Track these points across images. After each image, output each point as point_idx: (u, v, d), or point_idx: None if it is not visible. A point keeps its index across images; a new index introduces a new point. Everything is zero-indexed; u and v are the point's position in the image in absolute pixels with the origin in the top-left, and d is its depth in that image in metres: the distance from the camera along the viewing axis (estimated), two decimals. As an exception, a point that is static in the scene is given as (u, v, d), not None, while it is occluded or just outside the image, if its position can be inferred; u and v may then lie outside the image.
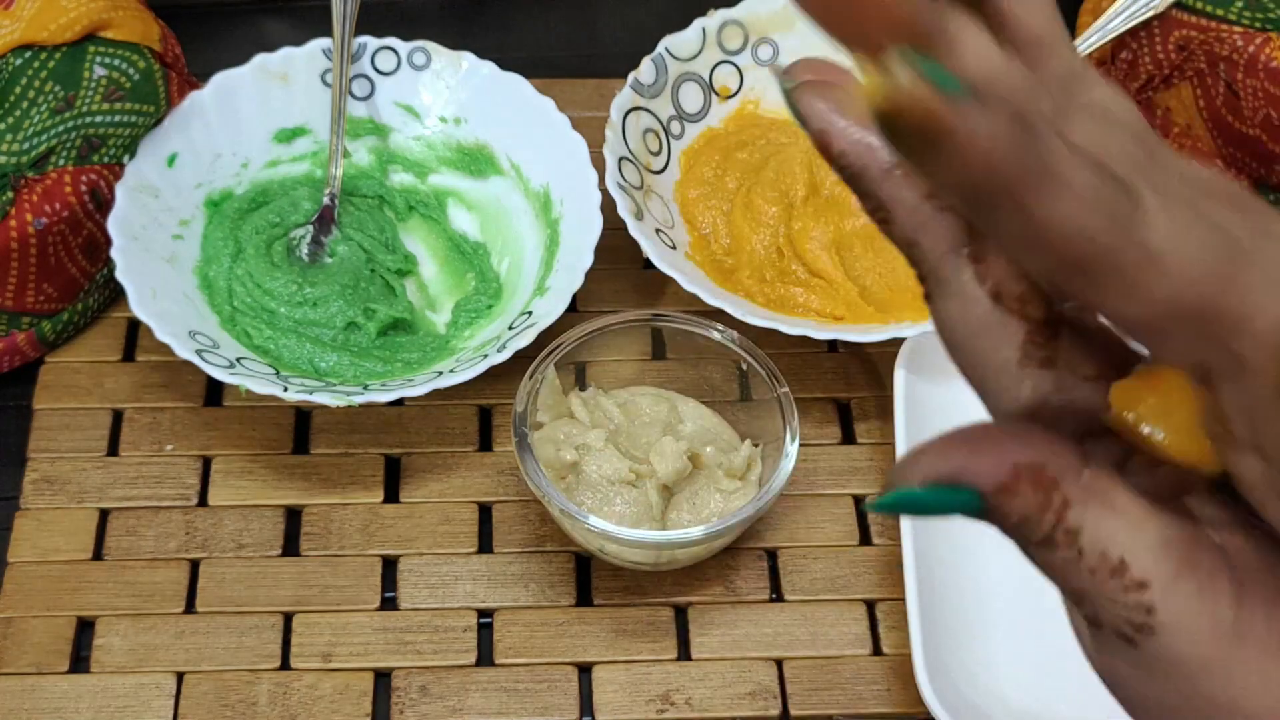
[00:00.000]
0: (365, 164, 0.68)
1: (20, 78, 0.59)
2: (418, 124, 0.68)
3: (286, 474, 0.61)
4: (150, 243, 0.61)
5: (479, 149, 0.68)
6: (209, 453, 0.61)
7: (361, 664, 0.56)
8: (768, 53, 0.70)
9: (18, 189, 0.59)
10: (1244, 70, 0.63)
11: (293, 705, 0.54)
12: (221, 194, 0.65)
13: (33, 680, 0.55)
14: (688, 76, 0.68)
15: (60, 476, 0.60)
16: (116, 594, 0.57)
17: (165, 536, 0.59)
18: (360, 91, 0.68)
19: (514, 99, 0.67)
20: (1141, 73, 0.69)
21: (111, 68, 0.61)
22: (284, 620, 0.57)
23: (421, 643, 0.56)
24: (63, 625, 0.56)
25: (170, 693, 0.55)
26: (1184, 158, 0.24)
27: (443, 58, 0.68)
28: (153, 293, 0.59)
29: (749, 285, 0.64)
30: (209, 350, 0.58)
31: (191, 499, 0.60)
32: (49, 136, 0.60)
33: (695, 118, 0.68)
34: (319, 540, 0.59)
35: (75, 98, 0.60)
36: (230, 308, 0.62)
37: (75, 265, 0.62)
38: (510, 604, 0.58)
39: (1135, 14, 0.66)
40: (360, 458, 0.61)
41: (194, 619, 0.57)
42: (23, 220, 0.59)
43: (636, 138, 0.65)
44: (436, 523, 0.60)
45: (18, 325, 0.62)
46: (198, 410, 0.62)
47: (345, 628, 0.57)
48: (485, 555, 0.59)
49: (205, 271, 0.63)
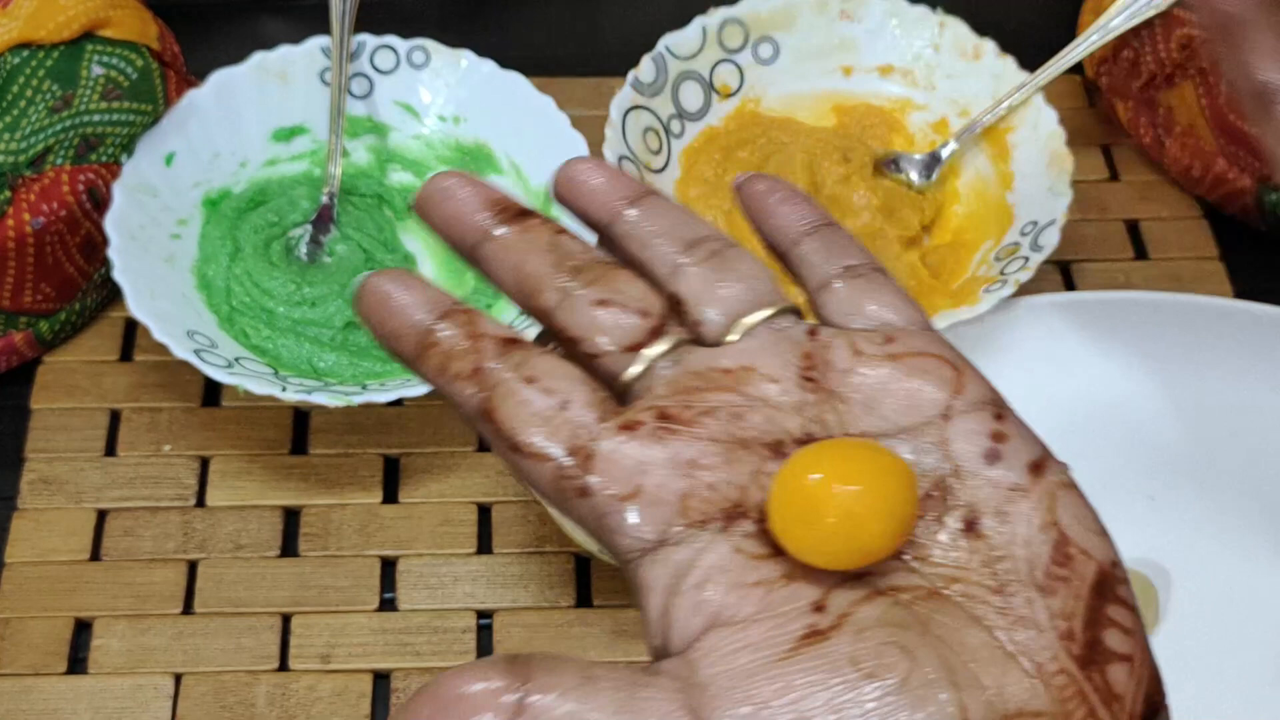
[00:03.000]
0: (364, 163, 0.68)
1: (18, 76, 0.59)
2: (417, 123, 0.68)
3: (285, 474, 0.60)
4: (148, 242, 0.61)
5: (478, 148, 0.67)
6: (207, 453, 0.61)
7: (360, 665, 0.55)
8: (769, 51, 0.69)
9: (15, 188, 0.59)
10: (1246, 69, 0.63)
11: (291, 706, 0.54)
12: (219, 193, 0.65)
13: (30, 681, 0.54)
14: (688, 75, 0.68)
15: (57, 477, 0.60)
16: (114, 595, 0.57)
17: (163, 537, 0.58)
18: (359, 90, 0.68)
19: (513, 98, 0.66)
20: (1143, 71, 0.69)
21: (109, 66, 0.61)
22: (282, 621, 0.56)
23: (420, 644, 0.56)
24: (60, 626, 0.56)
25: (168, 694, 0.54)
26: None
27: (442, 56, 0.68)
28: (150, 292, 0.59)
29: (749, 285, 0.64)
30: (207, 350, 0.58)
31: (189, 499, 0.60)
32: (46, 135, 0.59)
33: (695, 116, 0.68)
34: (317, 541, 0.59)
35: (73, 96, 0.60)
36: (228, 307, 0.62)
37: (73, 265, 0.62)
38: (510, 605, 0.57)
39: (1137, 12, 0.66)
40: (359, 458, 0.61)
41: (192, 620, 0.56)
42: (20, 220, 0.59)
43: (636, 136, 0.65)
44: (436, 523, 0.59)
45: (15, 325, 0.62)
46: (196, 410, 0.62)
47: (344, 629, 0.56)
48: (485, 556, 0.59)
49: (203, 271, 0.63)
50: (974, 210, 0.67)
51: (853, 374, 0.30)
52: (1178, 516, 0.58)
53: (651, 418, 0.29)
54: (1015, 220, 0.64)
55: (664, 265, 0.32)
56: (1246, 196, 0.68)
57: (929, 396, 0.30)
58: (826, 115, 0.70)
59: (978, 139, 0.67)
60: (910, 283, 0.64)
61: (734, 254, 0.32)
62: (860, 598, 0.27)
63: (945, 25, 0.69)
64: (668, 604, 0.27)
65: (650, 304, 0.31)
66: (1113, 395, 0.61)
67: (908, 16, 0.69)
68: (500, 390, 0.29)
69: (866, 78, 0.70)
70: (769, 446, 0.29)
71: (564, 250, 0.32)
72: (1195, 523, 0.58)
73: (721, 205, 0.66)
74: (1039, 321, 0.62)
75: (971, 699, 0.25)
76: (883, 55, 0.70)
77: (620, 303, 0.31)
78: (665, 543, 0.28)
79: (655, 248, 0.33)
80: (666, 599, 0.27)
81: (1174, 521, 0.58)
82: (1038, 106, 0.66)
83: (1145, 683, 0.27)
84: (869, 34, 0.70)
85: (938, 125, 0.69)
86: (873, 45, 0.70)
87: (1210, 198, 0.70)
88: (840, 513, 0.27)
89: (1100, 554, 0.28)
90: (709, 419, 0.29)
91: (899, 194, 0.66)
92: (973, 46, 0.68)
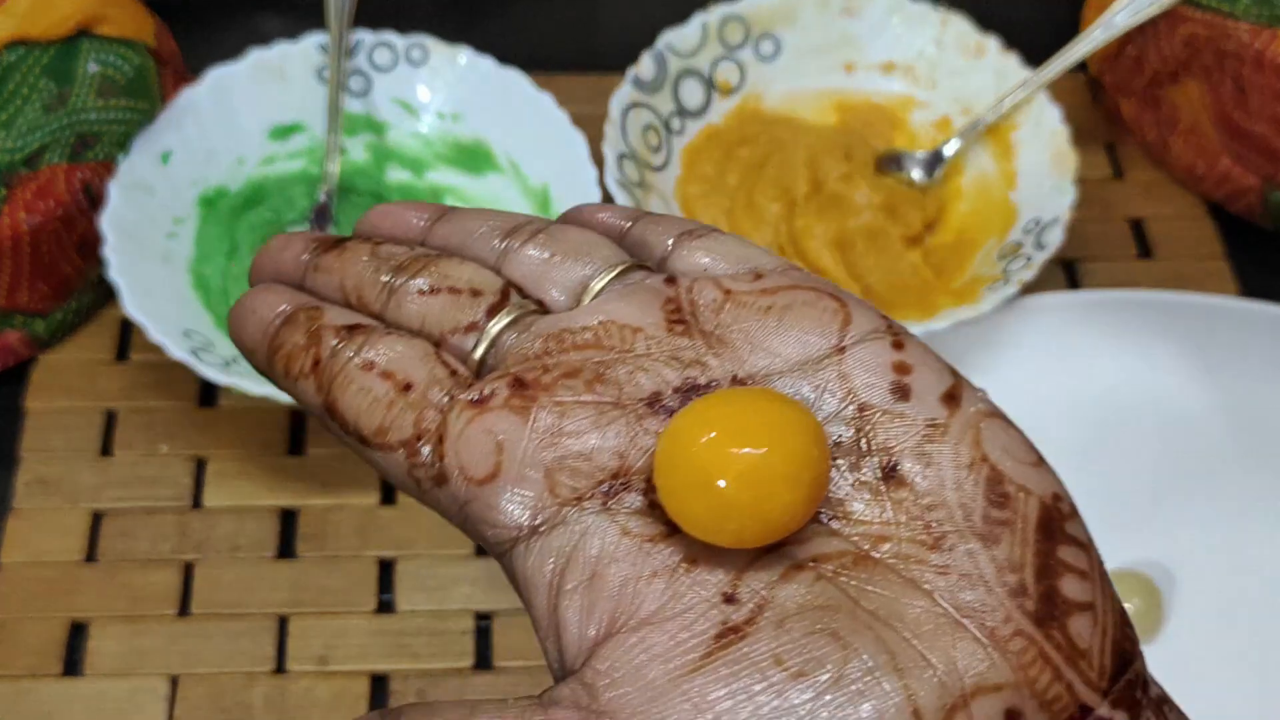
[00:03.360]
0: (361, 161, 0.67)
1: (13, 74, 0.59)
2: (415, 120, 0.68)
3: (282, 475, 0.60)
4: (144, 241, 0.61)
5: (476, 145, 0.67)
6: (204, 453, 0.61)
7: (358, 667, 0.55)
8: (770, 47, 0.69)
9: (10, 186, 0.59)
10: (1251, 66, 0.63)
11: (289, 709, 0.54)
12: (216, 191, 0.65)
13: (25, 684, 0.54)
14: (689, 72, 0.67)
15: (53, 477, 0.59)
16: (110, 596, 0.56)
17: (159, 538, 0.58)
18: (357, 87, 0.67)
19: (513, 95, 0.66)
20: (1147, 69, 0.68)
21: (105, 64, 0.61)
22: (279, 623, 0.56)
23: (419, 646, 0.56)
24: (55, 628, 0.56)
25: (164, 696, 0.54)
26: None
27: (440, 53, 0.67)
28: (146, 291, 0.58)
29: (750, 284, 0.63)
30: (203, 350, 0.57)
31: (186, 500, 0.59)
32: (42, 133, 0.59)
33: (696, 114, 0.68)
34: (315, 542, 0.58)
35: (68, 94, 0.60)
36: (225, 307, 0.62)
37: (69, 263, 0.62)
38: (509, 606, 0.57)
39: (1141, 9, 0.65)
40: (356, 459, 0.60)
41: (188, 622, 0.56)
42: (16, 218, 0.59)
43: (637, 134, 0.65)
44: (434, 524, 0.59)
45: (10, 324, 0.61)
46: (192, 410, 0.62)
47: (342, 631, 0.56)
48: (484, 557, 0.58)
49: (200, 270, 0.62)
50: (977, 209, 0.66)
51: (726, 312, 0.27)
52: (1182, 517, 0.58)
53: (504, 387, 0.26)
54: (1018, 219, 0.64)
55: (489, 255, 0.30)
56: (1251, 195, 0.67)
57: (817, 328, 0.26)
58: (828, 113, 0.70)
59: (981, 137, 0.67)
60: (912, 282, 0.63)
61: (558, 229, 0.30)
62: (777, 577, 0.23)
63: (948, 22, 0.69)
64: (553, 604, 0.24)
65: (483, 282, 0.29)
66: (1115, 395, 0.61)
67: (910, 13, 0.69)
68: (339, 381, 0.27)
69: (868, 75, 0.70)
70: (645, 401, 0.26)
71: (384, 255, 0.30)
72: (1200, 523, 0.58)
73: (722, 204, 0.66)
74: (1042, 321, 0.61)
75: (919, 683, 0.22)
76: (885, 52, 0.70)
77: (449, 286, 0.28)
78: (538, 528, 0.25)
79: (475, 243, 0.30)
80: (551, 598, 0.24)
81: (1178, 522, 0.58)
82: (1041, 104, 0.65)
83: (1112, 630, 0.24)
84: (871, 30, 0.69)
85: (940, 123, 0.69)
86: (875, 42, 0.70)
87: (1215, 196, 0.69)
88: (743, 481, 0.23)
89: (1040, 487, 0.25)
90: (571, 379, 0.26)
91: (901, 192, 0.66)
92: (975, 43, 0.68)
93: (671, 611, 0.23)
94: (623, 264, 0.29)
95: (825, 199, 0.65)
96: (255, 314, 0.29)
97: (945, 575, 0.23)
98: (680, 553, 0.24)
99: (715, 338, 0.27)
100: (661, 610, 0.23)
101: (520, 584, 0.25)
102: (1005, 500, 0.24)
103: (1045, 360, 0.61)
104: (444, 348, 0.28)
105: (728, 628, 0.23)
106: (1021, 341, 0.61)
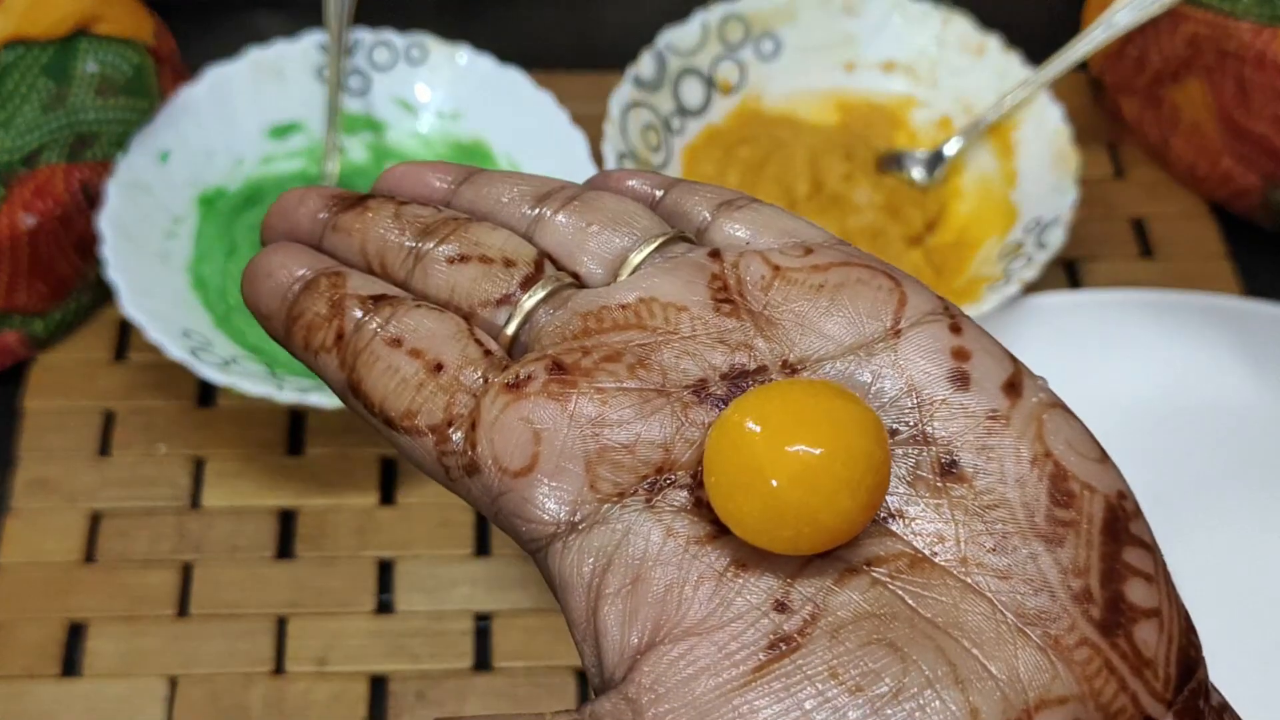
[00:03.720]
0: (361, 160, 0.67)
1: (11, 73, 0.59)
2: (414, 119, 0.67)
3: (281, 475, 0.60)
4: (142, 240, 0.61)
5: (476, 145, 0.67)
6: (202, 453, 0.60)
7: (357, 668, 0.55)
8: (770, 46, 0.69)
9: (9, 186, 0.58)
10: (1252, 66, 0.63)
11: (287, 710, 0.54)
12: (215, 191, 0.64)
13: (23, 685, 0.54)
14: (689, 71, 0.67)
15: (51, 478, 0.59)
16: (108, 597, 0.56)
17: (158, 538, 0.58)
18: (356, 86, 0.67)
19: (512, 94, 0.66)
20: (1149, 68, 0.68)
21: (104, 63, 0.61)
22: (278, 624, 0.56)
23: (418, 646, 0.56)
24: (53, 629, 0.55)
25: (163, 697, 0.54)
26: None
27: (440, 52, 0.67)
28: (144, 291, 0.58)
29: (751, 283, 0.63)
30: (202, 350, 0.57)
31: (184, 500, 0.59)
32: (40, 133, 0.59)
33: (696, 113, 0.68)
34: (314, 543, 0.58)
35: (67, 93, 0.59)
36: (224, 306, 0.62)
37: (68, 263, 0.62)
38: (509, 607, 0.57)
39: (1143, 8, 0.65)
40: (356, 459, 0.61)
41: (187, 623, 0.56)
42: (14, 218, 0.59)
43: (636, 133, 0.65)
44: (433, 525, 0.59)
45: (9, 324, 0.61)
46: (191, 410, 0.62)
47: (340, 631, 0.56)
48: (483, 558, 0.58)
49: (198, 270, 0.62)
50: (978, 208, 0.66)
51: (775, 291, 0.25)
52: (1184, 518, 0.58)
53: (542, 371, 0.24)
54: (1019, 218, 0.64)
55: (520, 223, 0.28)
56: (1253, 195, 0.67)
57: (871, 309, 0.25)
58: (829, 112, 0.69)
59: (982, 136, 0.66)
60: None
61: (594, 196, 0.28)
62: (831, 581, 0.22)
63: (949, 21, 0.68)
64: (593, 608, 0.23)
65: (516, 251, 0.27)
66: (1117, 394, 0.60)
67: (911, 12, 0.69)
68: (364, 358, 0.26)
69: (869, 74, 0.70)
70: (691, 389, 0.24)
71: (409, 217, 0.28)
72: (1202, 524, 0.58)
73: (722, 203, 0.66)
74: (1043, 320, 0.61)
75: (981, 696, 0.21)
76: (886, 51, 0.69)
77: (480, 255, 0.26)
78: (577, 525, 0.23)
79: (503, 209, 0.28)
80: (590, 601, 0.23)
81: (1180, 522, 0.58)
82: (1043, 103, 0.65)
83: (1178, 638, 0.22)
84: (872, 29, 0.69)
85: (941, 122, 0.68)
86: (875, 41, 0.69)
87: (1216, 196, 0.69)
88: (800, 483, 0.21)
89: (1104, 485, 0.24)
90: (613, 364, 0.24)
91: (902, 192, 0.65)
92: (976, 42, 0.68)
93: (720, 620, 0.22)
94: (663, 235, 0.27)
95: (826, 199, 0.65)
96: (271, 277, 0.27)
97: (1006, 579, 0.22)
98: (729, 556, 0.22)
99: (764, 318, 0.25)
100: (709, 619, 0.22)
101: (555, 583, 0.23)
102: (1070, 499, 0.23)
103: (1046, 360, 0.60)
104: (473, 321, 0.26)
105: (779, 638, 0.21)
106: (1022, 341, 0.61)
